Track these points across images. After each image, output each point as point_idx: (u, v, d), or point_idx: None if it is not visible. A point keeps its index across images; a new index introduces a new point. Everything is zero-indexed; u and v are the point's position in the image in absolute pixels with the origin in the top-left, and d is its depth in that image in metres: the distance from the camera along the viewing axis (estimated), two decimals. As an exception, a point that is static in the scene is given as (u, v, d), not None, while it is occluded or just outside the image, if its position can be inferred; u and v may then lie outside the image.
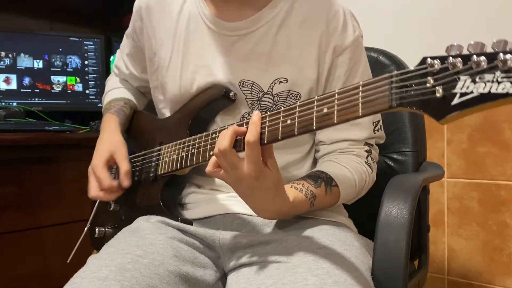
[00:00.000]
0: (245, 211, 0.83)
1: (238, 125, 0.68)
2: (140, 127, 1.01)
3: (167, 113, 0.93)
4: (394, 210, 0.74)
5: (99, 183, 0.87)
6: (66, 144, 1.62)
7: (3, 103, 1.73)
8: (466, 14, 1.51)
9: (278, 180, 0.68)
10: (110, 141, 0.92)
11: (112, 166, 0.90)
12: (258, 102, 0.83)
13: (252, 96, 0.83)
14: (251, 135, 0.63)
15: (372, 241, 0.75)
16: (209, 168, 0.68)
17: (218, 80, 0.84)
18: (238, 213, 0.83)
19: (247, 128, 0.65)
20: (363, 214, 0.86)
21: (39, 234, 1.62)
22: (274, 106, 0.83)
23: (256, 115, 0.65)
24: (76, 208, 1.59)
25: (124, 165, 0.88)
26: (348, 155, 0.83)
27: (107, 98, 1.05)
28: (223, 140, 0.65)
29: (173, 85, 0.88)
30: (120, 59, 1.06)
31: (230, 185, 0.68)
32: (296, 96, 0.82)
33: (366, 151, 0.85)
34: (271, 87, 0.82)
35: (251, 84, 0.83)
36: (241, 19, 0.83)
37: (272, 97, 0.82)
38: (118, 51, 1.07)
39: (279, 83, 0.82)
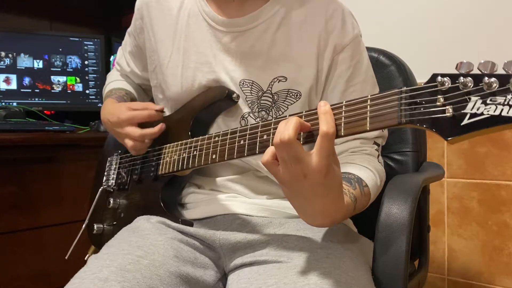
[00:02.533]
0: (245, 211, 0.83)
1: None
2: (139, 124, 1.01)
3: (167, 111, 0.93)
4: (394, 210, 0.74)
5: (139, 118, 0.88)
6: (66, 144, 1.62)
7: (3, 103, 1.72)
8: (466, 14, 1.51)
9: (341, 180, 0.61)
10: (117, 105, 0.93)
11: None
12: (258, 101, 0.83)
13: (252, 95, 0.83)
14: (330, 125, 0.56)
15: (372, 241, 0.74)
16: (266, 158, 0.59)
17: (220, 78, 0.84)
18: (238, 213, 0.83)
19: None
20: (363, 214, 0.86)
21: (39, 234, 1.62)
22: (273, 105, 0.82)
23: (325, 104, 0.58)
24: (76, 208, 1.59)
25: (142, 103, 0.90)
26: (361, 155, 0.82)
27: (108, 87, 1.05)
28: (287, 130, 0.56)
29: (174, 82, 0.88)
30: (122, 57, 1.06)
31: (284, 183, 0.59)
32: (296, 95, 0.82)
33: (376, 150, 0.84)
34: (271, 86, 0.82)
35: (251, 84, 0.83)
36: (241, 15, 0.83)
37: (271, 96, 0.82)
38: (120, 48, 1.08)
39: (278, 82, 0.82)
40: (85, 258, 0.90)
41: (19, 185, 1.58)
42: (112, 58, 1.96)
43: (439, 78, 0.49)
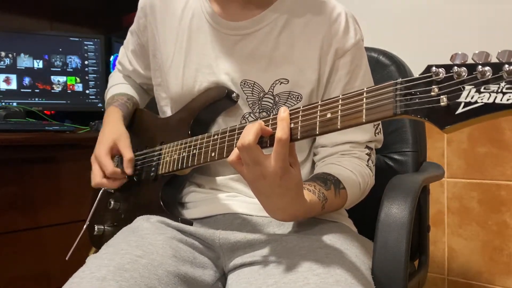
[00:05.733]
0: (245, 211, 0.84)
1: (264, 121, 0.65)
2: (141, 125, 1.01)
3: (168, 110, 0.93)
4: (394, 210, 0.74)
5: (102, 170, 0.87)
6: (66, 144, 1.62)
7: (3, 103, 1.72)
8: (467, 14, 1.51)
9: (299, 181, 0.65)
10: (113, 130, 0.92)
11: (115, 155, 0.91)
12: (259, 102, 0.83)
13: (253, 96, 0.83)
14: (283, 131, 0.60)
15: (372, 241, 0.75)
16: (232, 158, 0.65)
17: (220, 80, 0.84)
18: (238, 213, 0.83)
19: (272, 127, 0.64)
20: (363, 214, 0.86)
21: (39, 234, 1.62)
22: (274, 107, 0.83)
23: (284, 111, 0.62)
24: (76, 208, 1.59)
25: (127, 153, 0.88)
26: (350, 158, 0.83)
27: (110, 92, 1.05)
28: (248, 135, 0.61)
29: (175, 83, 0.88)
30: (124, 56, 1.06)
31: (248, 182, 0.65)
32: (297, 97, 0.82)
33: (367, 154, 0.85)
34: (272, 87, 0.82)
35: (252, 84, 0.83)
36: (244, 18, 0.83)
37: (272, 98, 0.83)
38: (122, 47, 1.08)
39: (280, 84, 0.82)
40: (86, 260, 0.90)
41: (19, 185, 1.58)
42: (112, 58, 1.96)
43: (434, 68, 0.50)
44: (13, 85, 1.76)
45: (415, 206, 0.75)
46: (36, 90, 1.80)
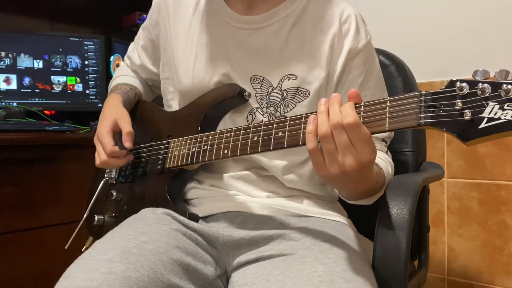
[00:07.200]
0: (246, 209, 0.84)
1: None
2: (146, 117, 1.01)
3: (174, 104, 0.94)
4: (394, 210, 0.74)
5: (103, 148, 0.87)
6: (66, 144, 1.62)
7: (3, 103, 1.72)
8: (466, 14, 1.51)
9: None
10: (113, 110, 0.93)
11: (117, 132, 0.90)
12: (267, 97, 0.84)
13: (261, 91, 0.84)
14: (353, 114, 0.59)
15: (372, 241, 0.75)
16: (312, 145, 0.61)
17: (230, 73, 0.85)
18: (239, 211, 0.84)
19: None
20: (363, 214, 0.86)
21: (39, 234, 1.61)
22: (282, 102, 0.84)
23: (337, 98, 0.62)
24: (76, 208, 1.58)
25: (126, 127, 0.88)
26: None
27: (114, 82, 1.07)
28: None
29: (185, 75, 0.89)
30: (134, 50, 1.08)
31: (336, 174, 0.61)
32: (305, 94, 0.83)
33: (384, 146, 0.87)
34: (281, 83, 0.83)
35: (261, 80, 0.84)
36: (256, 13, 0.85)
37: (280, 93, 0.83)
38: (132, 43, 1.10)
39: (288, 79, 0.83)
40: (82, 250, 0.90)
41: (19, 185, 1.58)
42: (112, 58, 1.96)
43: (458, 83, 0.52)
44: (13, 85, 1.76)
45: (415, 206, 0.75)
46: (36, 90, 1.80)
